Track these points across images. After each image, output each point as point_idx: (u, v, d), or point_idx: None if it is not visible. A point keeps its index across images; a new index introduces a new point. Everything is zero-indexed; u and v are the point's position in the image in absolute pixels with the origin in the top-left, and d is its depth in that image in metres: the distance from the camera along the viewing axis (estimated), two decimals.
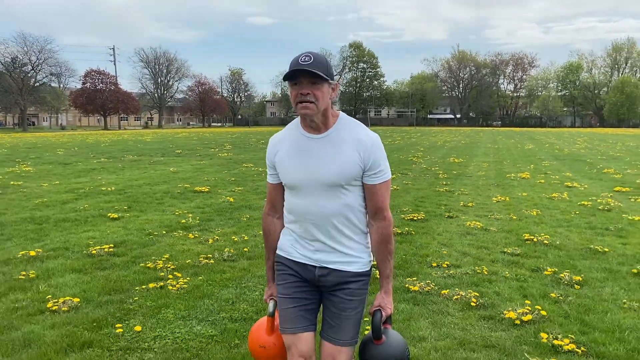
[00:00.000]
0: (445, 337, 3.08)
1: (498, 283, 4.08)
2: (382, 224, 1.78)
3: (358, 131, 1.76)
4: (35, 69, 62.46)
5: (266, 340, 1.86)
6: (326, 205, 1.75)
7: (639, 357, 2.82)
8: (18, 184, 9.46)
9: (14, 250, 4.81)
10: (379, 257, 1.82)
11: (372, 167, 1.74)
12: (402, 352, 1.81)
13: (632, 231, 5.95)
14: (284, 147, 1.82)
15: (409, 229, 5.94)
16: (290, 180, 1.79)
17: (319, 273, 1.80)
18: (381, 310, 1.81)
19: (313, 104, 1.67)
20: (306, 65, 1.64)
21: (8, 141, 27.35)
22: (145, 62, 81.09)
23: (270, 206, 1.92)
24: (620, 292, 3.87)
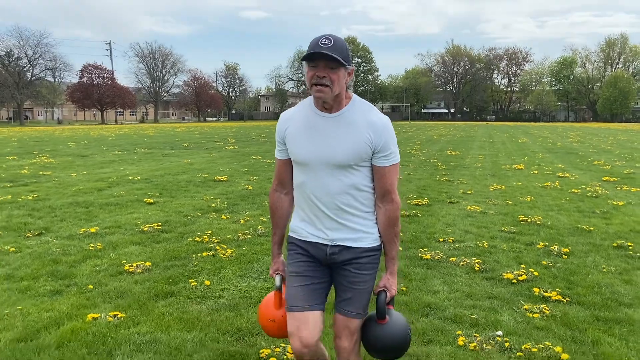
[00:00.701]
0: (455, 291, 3.77)
1: (497, 254, 4.78)
2: (390, 206, 1.81)
3: (370, 113, 1.78)
4: (32, 63, 62.59)
5: (275, 314, 1.89)
6: (333, 183, 1.77)
7: (611, 304, 3.53)
8: (48, 174, 10.08)
9: (73, 228, 5.47)
10: (386, 239, 1.85)
11: (382, 149, 1.76)
12: (404, 332, 1.85)
13: (616, 214, 6.68)
14: (295, 123, 1.83)
15: (416, 212, 6.64)
16: (299, 157, 1.81)
17: (330, 251, 1.83)
18: (386, 290, 1.84)
19: (328, 88, 1.69)
20: (325, 49, 1.65)
21: (11, 135, 27.75)
22: (141, 56, 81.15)
23: (278, 182, 1.94)
24: (601, 260, 4.59)
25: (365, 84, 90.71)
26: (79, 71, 68.58)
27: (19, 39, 62.25)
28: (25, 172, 10.31)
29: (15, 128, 42.90)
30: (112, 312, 3.20)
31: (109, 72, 71.22)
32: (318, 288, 1.83)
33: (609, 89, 73.50)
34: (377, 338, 1.82)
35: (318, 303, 1.82)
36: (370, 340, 1.85)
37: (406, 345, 1.87)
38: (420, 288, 3.81)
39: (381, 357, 1.89)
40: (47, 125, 57.30)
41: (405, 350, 1.88)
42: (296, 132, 1.81)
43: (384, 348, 1.83)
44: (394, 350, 1.85)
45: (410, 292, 3.73)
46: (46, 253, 4.52)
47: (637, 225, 5.97)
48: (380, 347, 1.83)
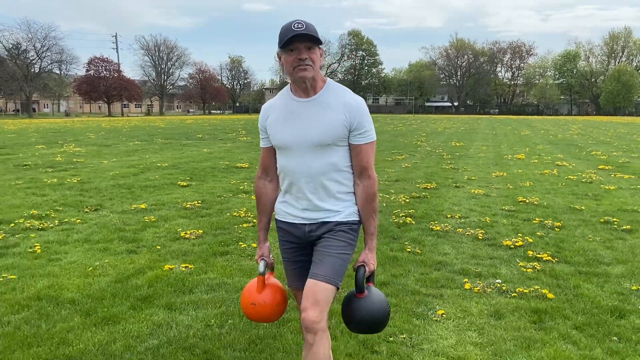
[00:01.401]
0: (462, 253, 4.48)
1: (498, 227, 5.48)
2: (367, 182, 1.88)
3: (345, 94, 1.87)
4: (40, 56, 63.33)
5: (256, 298, 1.95)
6: (313, 164, 1.84)
7: (592, 263, 4.22)
8: (81, 161, 10.83)
9: (124, 205, 6.20)
10: (364, 215, 1.91)
11: (357, 127, 1.84)
12: (383, 306, 1.90)
13: (606, 196, 7.37)
14: (275, 111, 1.93)
15: (425, 194, 7.33)
16: (280, 141, 1.89)
17: (308, 229, 1.91)
18: (364, 265, 1.90)
19: (310, 67, 1.77)
20: (301, 31, 1.74)
21: (26, 126, 28.51)
22: (146, 49, 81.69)
23: (262, 170, 2.04)
24: (588, 232, 5.28)
25: (370, 77, 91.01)
26: (86, 64, 69.26)
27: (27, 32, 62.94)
28: (60, 160, 11.06)
29: (25, 120, 43.66)
30: (183, 265, 3.93)
31: (115, 65, 71.81)
32: (309, 267, 1.91)
33: (612, 82, 73.70)
34: (357, 312, 1.86)
35: None
36: (349, 314, 1.89)
37: (385, 320, 1.90)
38: (432, 251, 4.52)
39: (359, 331, 1.94)
40: (55, 117, 58.10)
41: (383, 325, 1.92)
42: (276, 119, 1.90)
43: (361, 322, 1.87)
44: (371, 324, 1.88)
45: (424, 253, 4.44)
46: (109, 223, 5.26)
47: (624, 205, 6.65)
48: (358, 320, 1.87)
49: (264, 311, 1.94)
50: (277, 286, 2.02)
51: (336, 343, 2.71)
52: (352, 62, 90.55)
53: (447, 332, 2.90)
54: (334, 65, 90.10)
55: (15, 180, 8.15)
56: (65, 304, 3.17)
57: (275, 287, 1.99)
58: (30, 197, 6.71)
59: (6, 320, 2.93)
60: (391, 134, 23.07)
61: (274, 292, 1.97)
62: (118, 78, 69.56)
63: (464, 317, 3.11)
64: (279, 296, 1.98)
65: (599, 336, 2.86)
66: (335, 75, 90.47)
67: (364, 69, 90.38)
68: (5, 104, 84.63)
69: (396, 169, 10.32)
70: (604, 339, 2.82)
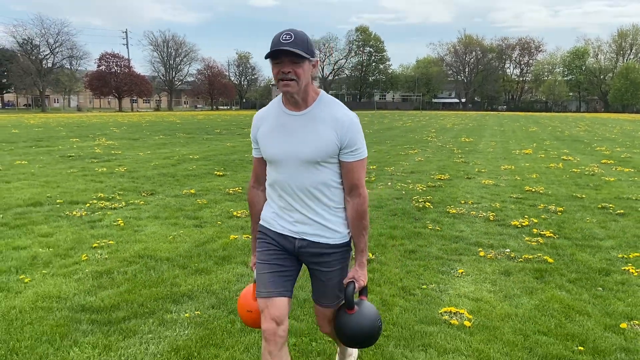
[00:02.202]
0: (475, 231, 5.25)
1: (507, 211, 6.23)
2: (358, 200, 1.86)
3: (336, 110, 1.83)
4: (53, 52, 64.56)
5: (252, 305, 1.96)
6: (303, 180, 1.83)
7: (588, 238, 4.97)
8: (119, 153, 11.69)
9: (174, 190, 7.02)
10: (355, 232, 1.91)
11: (348, 145, 1.81)
12: (373, 321, 1.90)
13: (606, 187, 8.09)
14: (266, 123, 1.91)
15: (440, 184, 8.09)
16: (270, 155, 1.88)
17: (298, 244, 1.90)
18: (354, 282, 1.90)
19: (294, 82, 1.74)
20: (287, 45, 1.69)
21: (46, 121, 29.50)
22: (154, 45, 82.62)
23: (255, 179, 2.04)
24: (587, 216, 6.02)
25: (377, 74, 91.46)
26: (97, 59, 70.35)
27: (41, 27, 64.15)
28: (99, 152, 11.93)
29: (40, 114, 44.74)
30: (244, 235, 4.73)
31: (125, 60, 72.80)
32: (285, 276, 1.90)
33: (620, 79, 73.75)
34: (346, 327, 1.89)
35: (285, 290, 1.88)
36: (338, 328, 1.93)
37: (375, 335, 1.92)
38: (450, 228, 5.29)
39: (349, 345, 1.97)
40: (66, 112, 59.27)
41: (374, 340, 1.94)
42: (267, 132, 1.88)
43: (352, 336, 1.90)
44: (361, 339, 1.91)
45: (444, 230, 5.22)
46: (169, 205, 6.08)
47: (621, 194, 7.38)
48: (349, 335, 1.90)
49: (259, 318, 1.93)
50: None
51: (380, 288, 3.50)
52: (359, 58, 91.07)
53: (467, 283, 3.68)
54: (342, 61, 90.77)
55: (69, 169, 9.02)
56: (163, 261, 3.99)
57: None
58: (90, 183, 7.56)
59: (123, 271, 3.76)
60: (402, 130, 23.78)
61: None
62: (129, 74, 70.65)
63: (479, 274, 3.89)
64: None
65: (587, 287, 3.63)
66: (342, 71, 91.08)
67: (372, 65, 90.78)
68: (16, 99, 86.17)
69: (410, 162, 11.07)
70: (591, 288, 3.59)
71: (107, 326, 2.85)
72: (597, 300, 3.38)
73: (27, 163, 9.69)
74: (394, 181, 8.34)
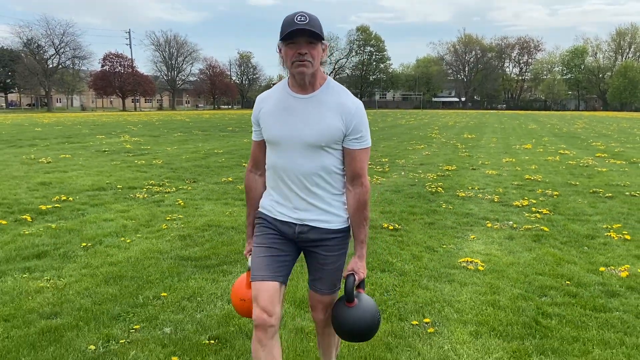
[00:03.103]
0: (483, 209, 6.12)
1: (509, 195, 7.11)
2: (360, 190, 1.83)
3: (343, 96, 1.81)
4: (58, 52, 65.43)
5: (245, 293, 1.94)
6: (304, 163, 1.79)
7: (579, 214, 5.84)
8: (148, 148, 12.58)
9: (213, 179, 7.89)
10: (355, 223, 1.86)
11: (353, 131, 1.78)
12: (373, 315, 1.88)
13: (598, 176, 8.97)
14: (269, 104, 1.86)
15: (448, 174, 8.97)
16: (272, 136, 1.83)
17: (299, 230, 1.86)
18: (354, 274, 1.87)
19: (309, 63, 1.71)
20: (304, 25, 1.66)
21: (59, 120, 30.35)
22: (156, 45, 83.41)
23: (253, 163, 1.98)
24: (578, 198, 6.90)
25: (378, 73, 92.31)
26: (101, 59, 71.18)
27: (46, 28, 65.03)
28: (130, 147, 12.83)
29: (49, 114, 45.58)
30: None
31: (129, 60, 73.58)
32: (282, 261, 1.86)
33: (619, 78, 74.64)
34: (345, 320, 1.86)
35: (280, 275, 1.84)
36: (338, 323, 1.90)
37: (374, 329, 1.91)
38: (460, 207, 6.17)
39: (348, 339, 1.95)
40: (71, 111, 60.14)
41: (372, 334, 1.92)
42: (270, 113, 1.84)
43: (351, 331, 1.88)
44: (360, 333, 1.89)
45: (455, 208, 6.10)
46: (213, 190, 6.96)
47: (611, 182, 8.26)
48: (348, 329, 1.88)
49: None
50: None
51: (409, 247, 4.38)
52: (360, 57, 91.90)
53: (478, 244, 4.56)
54: (342, 60, 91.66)
55: (110, 161, 9.91)
56: (229, 229, 4.87)
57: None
58: (136, 173, 8.45)
59: (200, 235, 4.64)
60: (406, 127, 24.66)
61: None
62: (132, 73, 71.50)
63: (488, 239, 4.77)
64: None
65: (575, 246, 4.51)
66: (343, 71, 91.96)
67: (372, 64, 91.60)
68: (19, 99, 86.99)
69: (418, 156, 11.95)
70: (578, 248, 4.48)
71: (207, 269, 3.74)
72: (583, 255, 4.26)
73: (70, 157, 10.57)
74: (407, 171, 9.22)
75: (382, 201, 6.46)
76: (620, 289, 3.47)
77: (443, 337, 2.75)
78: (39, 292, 3.27)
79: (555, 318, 3.00)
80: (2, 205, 5.76)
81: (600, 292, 3.42)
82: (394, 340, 2.71)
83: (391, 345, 2.66)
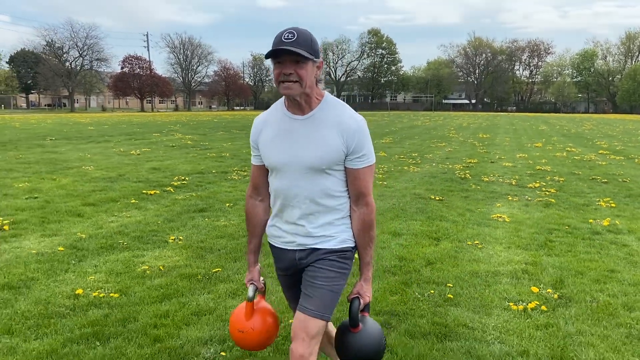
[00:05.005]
0: (504, 189, 7.85)
1: (524, 180, 8.84)
2: (364, 210, 1.78)
3: (342, 113, 1.74)
4: (82, 55, 68.02)
5: (244, 325, 1.88)
6: (306, 187, 1.75)
7: (580, 193, 7.57)
8: (206, 144, 14.46)
9: None
10: (360, 244, 1.82)
11: (355, 150, 1.72)
12: (378, 341, 1.82)
13: (598, 168, 10.68)
14: (268, 128, 1.82)
15: (471, 165, 10.72)
16: (272, 162, 1.79)
17: (297, 256, 1.83)
18: (359, 298, 1.81)
19: (297, 84, 1.65)
20: (289, 44, 1.61)
21: (99, 120, 32.44)
22: (171, 47, 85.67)
23: (253, 188, 1.92)
24: (580, 183, 8.62)
25: (389, 75, 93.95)
26: (120, 61, 73.60)
27: (71, 31, 67.62)
28: (190, 143, 14.69)
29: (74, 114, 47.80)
30: None
31: (147, 63, 75.88)
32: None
33: (629, 81, 75.64)
34: (349, 347, 1.80)
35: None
36: (342, 349, 1.84)
37: (380, 355, 1.84)
38: (486, 187, 7.93)
39: None
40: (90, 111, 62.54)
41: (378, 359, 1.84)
42: (268, 138, 1.80)
43: (355, 357, 1.81)
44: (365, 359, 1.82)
45: (482, 188, 7.87)
46: None
47: (608, 172, 9.98)
48: (352, 356, 1.81)
49: (252, 339, 1.88)
50: (268, 311, 1.95)
51: (452, 210, 6.17)
52: (372, 60, 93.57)
53: (503, 209, 6.32)
54: (354, 63, 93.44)
55: (185, 154, 11.78)
56: None
57: (265, 312, 1.92)
58: (215, 162, 10.30)
59: None
60: (423, 128, 26.39)
61: (263, 318, 1.90)
62: (150, 75, 73.86)
63: (510, 206, 6.52)
64: (269, 322, 1.91)
65: (574, 210, 6.26)
66: (355, 73, 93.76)
67: (384, 66, 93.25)
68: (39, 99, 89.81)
69: (442, 152, 13.70)
70: (576, 211, 6.22)
71: None
72: (579, 214, 6.02)
73: (150, 150, 12.48)
74: (436, 163, 11.00)
75: (424, 182, 8.27)
76: (602, 230, 5.23)
77: (487, 249, 4.53)
78: (225, 227, 5.10)
79: (557, 242, 4.77)
80: (144, 182, 7.66)
81: (588, 231, 5.19)
82: (460, 249, 4.49)
83: (457, 251, 4.44)
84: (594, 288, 3.60)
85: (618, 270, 3.98)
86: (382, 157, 11.92)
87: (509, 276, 3.83)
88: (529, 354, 2.68)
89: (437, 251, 4.42)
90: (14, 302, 3.19)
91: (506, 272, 3.91)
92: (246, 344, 1.92)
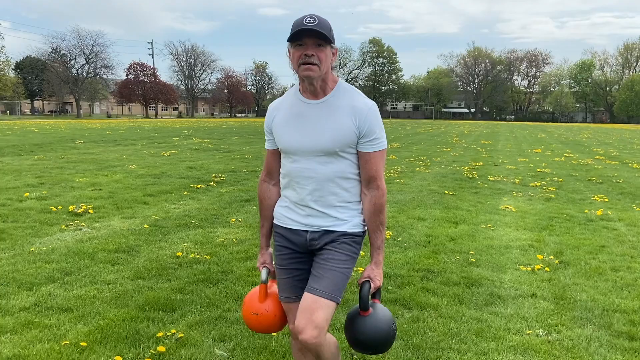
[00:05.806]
0: (509, 187, 8.73)
1: (526, 180, 9.72)
2: (376, 193, 1.80)
3: (355, 98, 1.79)
4: (89, 62, 69.12)
5: (258, 307, 1.91)
6: (319, 170, 1.78)
7: (577, 191, 8.45)
8: (227, 147, 15.34)
9: None
10: (371, 228, 1.83)
11: (367, 134, 1.76)
12: (389, 325, 1.81)
13: (594, 171, 11.59)
14: (281, 112, 1.85)
15: (477, 167, 11.62)
16: (285, 145, 1.82)
17: (310, 237, 1.84)
18: (370, 281, 1.81)
19: (316, 66, 1.69)
20: (312, 26, 1.66)
21: (112, 126, 33.33)
22: (175, 54, 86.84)
23: (267, 172, 1.96)
24: (577, 182, 9.51)
25: (389, 84, 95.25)
26: (125, 69, 74.67)
27: (78, 39, 68.72)
28: (212, 146, 15.59)
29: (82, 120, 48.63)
30: None
31: (151, 70, 76.97)
32: (303, 279, 1.86)
33: (626, 91, 76.95)
34: (359, 330, 1.80)
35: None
36: (352, 333, 1.83)
37: (390, 340, 1.83)
38: (493, 185, 8.80)
39: (362, 350, 1.88)
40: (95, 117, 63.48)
41: (388, 346, 1.84)
42: (282, 121, 1.83)
43: (365, 341, 1.81)
44: (375, 344, 1.82)
45: (489, 186, 8.76)
46: None
47: (603, 174, 10.88)
48: (362, 340, 1.81)
49: (266, 321, 1.92)
50: None
51: (464, 203, 7.04)
52: (373, 68, 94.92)
53: (509, 202, 7.18)
54: (356, 71, 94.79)
55: (212, 156, 12.65)
56: None
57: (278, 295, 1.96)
58: (241, 162, 11.17)
59: None
60: (427, 135, 27.34)
61: (276, 301, 1.94)
62: (155, 82, 74.93)
63: (515, 200, 7.39)
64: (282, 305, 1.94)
65: (572, 203, 7.14)
66: (356, 81, 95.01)
67: (384, 75, 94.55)
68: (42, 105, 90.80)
69: (448, 156, 14.60)
70: (574, 204, 7.10)
71: None
72: (575, 206, 6.90)
73: (177, 152, 13.36)
74: (444, 165, 11.89)
75: (437, 180, 9.16)
76: (596, 218, 6.11)
77: (499, 230, 5.39)
78: None
79: (557, 226, 5.64)
80: (187, 178, 8.54)
81: (584, 218, 6.07)
82: (476, 230, 5.36)
83: (474, 232, 5.31)
84: (587, 257, 4.47)
85: (608, 246, 4.85)
86: (394, 160, 12.82)
87: (519, 248, 4.70)
88: (537, 296, 3.53)
89: (457, 231, 5.29)
90: (132, 260, 4.04)
91: (516, 246, 4.78)
92: (261, 327, 1.95)
